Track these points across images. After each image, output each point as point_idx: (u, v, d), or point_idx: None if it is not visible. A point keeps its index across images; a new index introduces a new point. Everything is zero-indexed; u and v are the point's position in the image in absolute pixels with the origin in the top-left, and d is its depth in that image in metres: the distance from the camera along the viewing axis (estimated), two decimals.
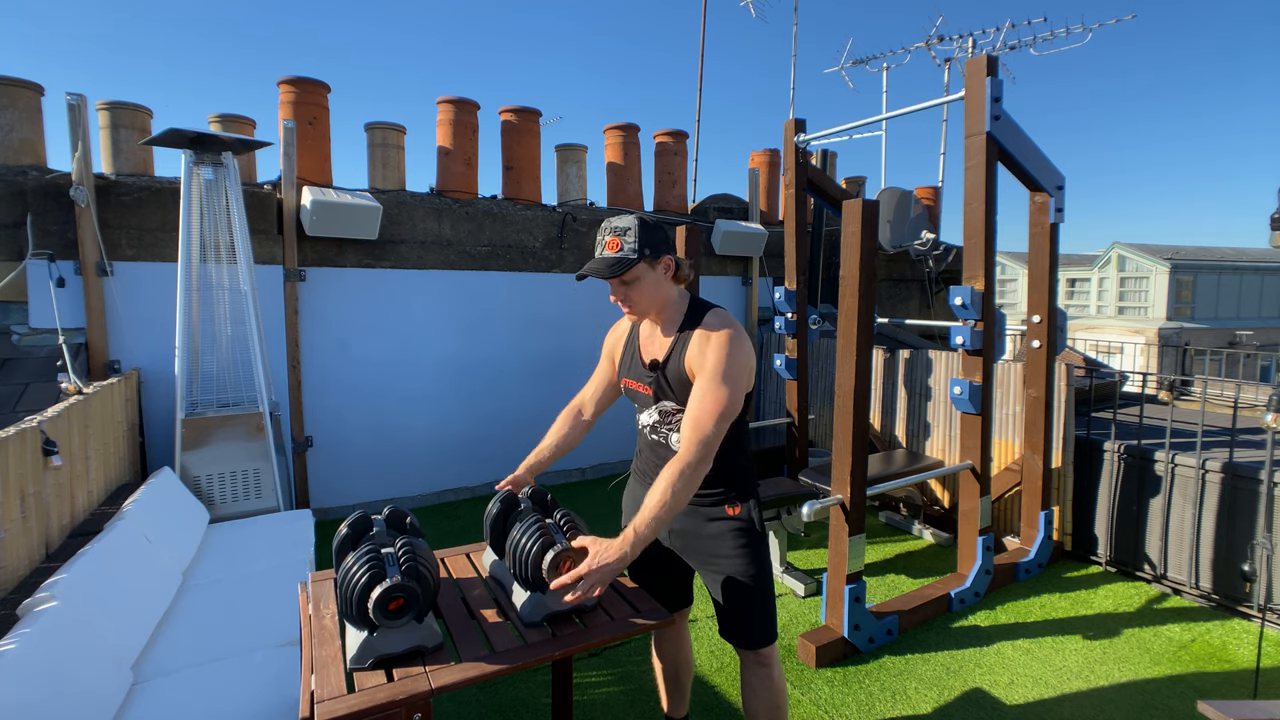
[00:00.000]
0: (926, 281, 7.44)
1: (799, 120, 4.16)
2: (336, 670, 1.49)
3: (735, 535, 1.82)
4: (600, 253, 1.74)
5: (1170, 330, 16.56)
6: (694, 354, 1.74)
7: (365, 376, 4.77)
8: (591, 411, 2.07)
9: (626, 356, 1.92)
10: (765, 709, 1.90)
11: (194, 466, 3.65)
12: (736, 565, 1.82)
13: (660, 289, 1.77)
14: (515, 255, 5.28)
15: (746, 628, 1.85)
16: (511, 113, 5.49)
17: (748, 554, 1.83)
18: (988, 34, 8.83)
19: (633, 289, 1.74)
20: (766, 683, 1.90)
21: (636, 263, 1.70)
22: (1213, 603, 3.35)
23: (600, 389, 2.05)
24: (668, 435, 1.83)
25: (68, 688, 1.76)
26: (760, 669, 1.89)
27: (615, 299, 1.79)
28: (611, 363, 2.01)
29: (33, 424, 2.50)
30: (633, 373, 1.88)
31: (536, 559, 1.63)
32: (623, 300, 1.77)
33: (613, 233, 1.72)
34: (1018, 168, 3.41)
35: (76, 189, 3.78)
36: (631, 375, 1.88)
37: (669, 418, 1.82)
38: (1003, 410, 4.05)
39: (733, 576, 1.82)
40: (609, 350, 2.02)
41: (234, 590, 2.71)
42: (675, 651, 2.13)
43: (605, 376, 2.03)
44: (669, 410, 1.81)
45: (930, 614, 3.22)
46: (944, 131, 8.48)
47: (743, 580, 1.83)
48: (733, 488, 1.85)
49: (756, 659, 1.89)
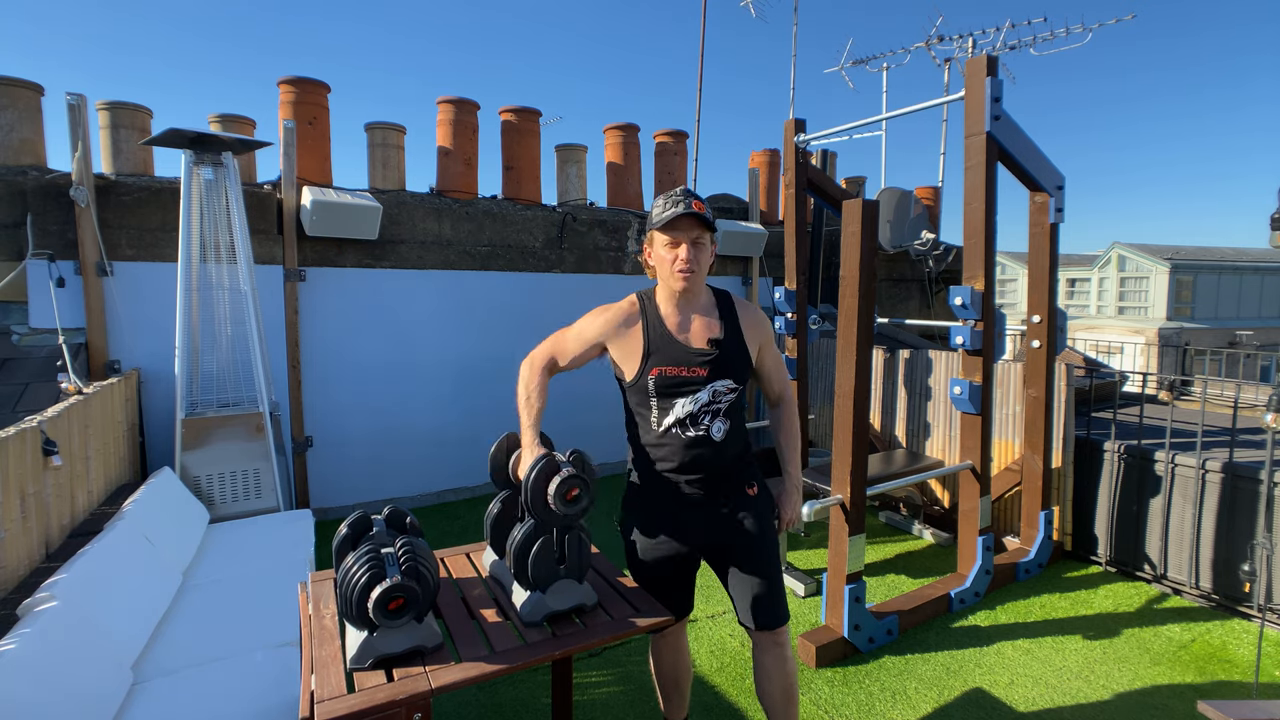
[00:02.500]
0: (926, 281, 7.44)
1: (799, 120, 4.16)
2: (336, 670, 1.49)
3: (757, 515, 1.85)
4: (690, 209, 1.68)
5: (1170, 330, 16.55)
6: (753, 326, 1.83)
7: (365, 376, 4.77)
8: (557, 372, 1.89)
9: (653, 345, 1.77)
10: (780, 691, 1.91)
11: (194, 466, 3.65)
12: (760, 544, 1.84)
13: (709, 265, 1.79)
14: (515, 255, 5.28)
15: (772, 606, 1.86)
16: (511, 113, 5.49)
17: (769, 533, 1.88)
18: (988, 34, 8.82)
19: (702, 253, 1.74)
20: (781, 664, 1.91)
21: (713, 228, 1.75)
22: (1213, 603, 3.35)
23: (574, 359, 1.85)
24: (710, 425, 1.76)
25: (68, 688, 1.76)
26: (777, 649, 1.90)
27: (682, 260, 1.71)
28: (595, 345, 1.82)
29: (33, 424, 2.50)
30: (675, 359, 1.75)
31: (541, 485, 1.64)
32: (690, 262, 1.72)
33: (695, 196, 1.72)
34: (1018, 168, 3.41)
35: (76, 189, 3.78)
36: (674, 362, 1.74)
37: (719, 399, 1.76)
38: (1003, 410, 4.05)
39: (758, 556, 1.84)
40: (600, 334, 1.82)
41: (234, 590, 2.71)
42: (675, 658, 2.11)
43: (581, 351, 1.83)
44: (721, 391, 1.76)
45: (930, 614, 3.22)
46: (944, 131, 8.47)
47: (767, 559, 1.85)
48: (750, 466, 1.89)
49: (774, 639, 1.89)
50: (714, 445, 1.76)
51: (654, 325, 1.79)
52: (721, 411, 1.76)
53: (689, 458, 1.77)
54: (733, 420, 1.80)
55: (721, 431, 1.77)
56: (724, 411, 1.77)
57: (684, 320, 1.79)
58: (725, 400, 1.77)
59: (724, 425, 1.77)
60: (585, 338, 1.84)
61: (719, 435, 1.76)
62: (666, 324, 1.79)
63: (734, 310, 1.83)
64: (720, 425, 1.76)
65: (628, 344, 1.80)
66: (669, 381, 1.75)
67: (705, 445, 1.76)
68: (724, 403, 1.76)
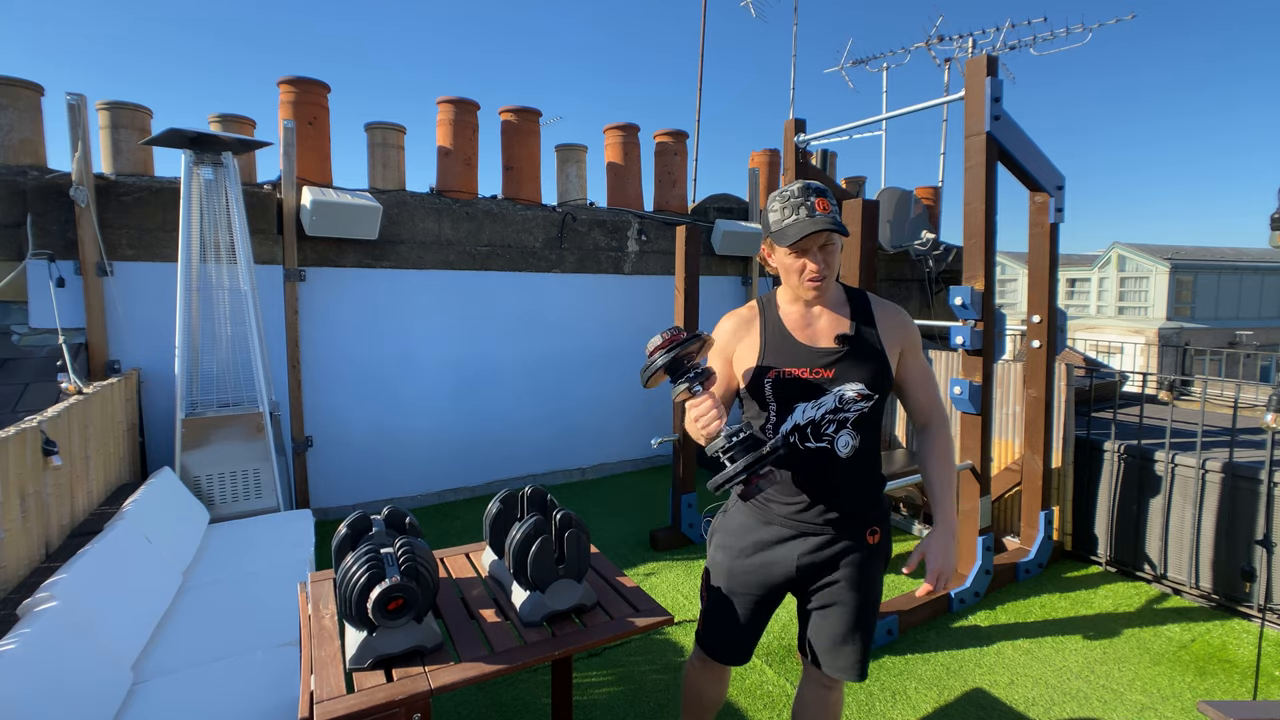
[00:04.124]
0: (926, 281, 7.44)
1: (799, 120, 4.16)
2: (336, 670, 1.49)
3: (871, 566, 1.63)
4: (814, 213, 1.46)
5: (1170, 330, 16.55)
6: (893, 326, 1.59)
7: (365, 376, 4.78)
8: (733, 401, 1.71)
9: (770, 345, 1.57)
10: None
11: (194, 466, 3.65)
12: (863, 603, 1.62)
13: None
14: (515, 255, 5.28)
15: (862, 658, 1.65)
16: (511, 113, 5.49)
17: (875, 590, 1.66)
18: (988, 34, 8.83)
19: (832, 255, 1.51)
20: (824, 708, 1.77)
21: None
22: (1213, 603, 3.35)
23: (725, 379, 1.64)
24: (835, 436, 1.52)
25: (68, 688, 1.76)
26: (823, 691, 1.75)
27: (812, 269, 1.50)
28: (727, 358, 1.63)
29: (33, 424, 2.50)
30: (795, 359, 1.54)
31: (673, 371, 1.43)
32: (822, 266, 1.50)
33: (817, 194, 1.48)
34: (1018, 168, 3.41)
35: (76, 189, 3.78)
36: (793, 362, 1.54)
37: (848, 407, 1.52)
38: (1003, 410, 4.05)
39: (855, 614, 1.62)
40: (726, 343, 1.64)
41: (234, 590, 2.71)
42: (716, 689, 1.85)
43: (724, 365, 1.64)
44: (850, 398, 1.51)
45: (930, 614, 3.22)
46: (944, 131, 8.49)
47: (864, 620, 1.63)
48: (879, 504, 1.66)
49: (824, 680, 1.72)
50: (838, 463, 1.53)
51: (773, 324, 1.59)
52: (850, 422, 1.52)
53: (805, 474, 1.55)
54: (865, 437, 1.55)
55: (849, 447, 1.53)
56: (853, 423, 1.53)
57: (809, 318, 1.58)
58: (854, 409, 1.52)
59: (852, 440, 1.53)
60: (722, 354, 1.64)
61: (845, 450, 1.53)
62: (786, 323, 1.58)
63: (869, 307, 1.60)
64: (847, 439, 1.52)
65: (746, 347, 1.60)
66: (788, 384, 1.53)
67: (826, 460, 1.53)
68: (853, 411, 1.52)
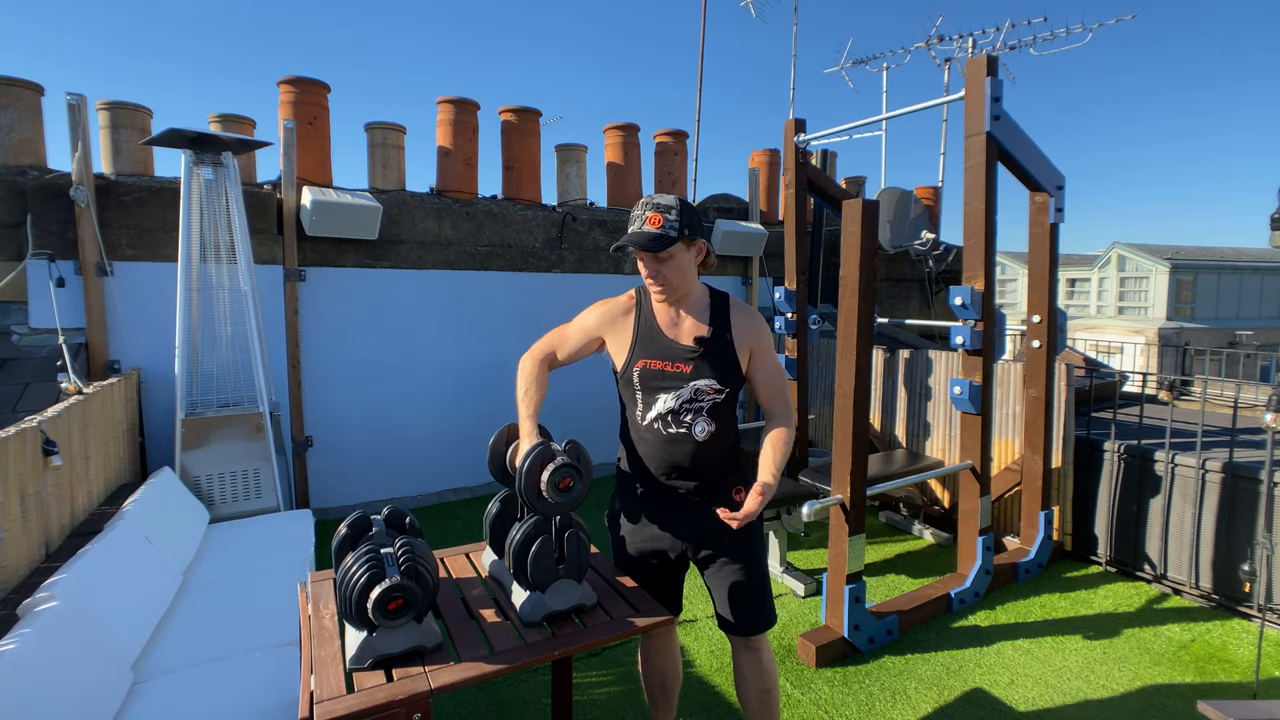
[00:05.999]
0: (926, 281, 7.44)
1: (799, 120, 4.16)
2: (336, 670, 1.49)
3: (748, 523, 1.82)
4: (640, 227, 1.71)
5: (1170, 330, 16.55)
6: (745, 330, 1.81)
7: (365, 376, 4.77)
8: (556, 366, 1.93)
9: (640, 337, 1.82)
10: (756, 693, 1.93)
11: (194, 466, 3.65)
12: (746, 550, 1.85)
13: (690, 271, 1.77)
14: (515, 255, 5.28)
15: (746, 612, 1.87)
16: (511, 113, 5.49)
17: (755, 539, 1.89)
18: (988, 34, 8.82)
19: (666, 266, 1.73)
20: (756, 667, 1.93)
21: (675, 241, 1.70)
22: (1213, 603, 3.35)
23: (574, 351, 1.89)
24: (692, 424, 1.77)
25: (68, 688, 1.76)
26: (750, 653, 1.92)
27: (647, 276, 1.76)
28: (594, 337, 1.88)
29: (33, 424, 2.50)
30: (659, 353, 1.79)
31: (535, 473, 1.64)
32: (654, 277, 1.75)
33: (655, 209, 1.71)
34: (1018, 168, 3.41)
35: (76, 189, 3.78)
36: (658, 355, 1.79)
37: (700, 398, 1.77)
38: (1003, 410, 4.05)
39: (742, 563, 1.85)
40: (598, 324, 1.88)
41: (234, 590, 2.71)
42: (663, 661, 2.09)
43: (581, 342, 1.89)
44: (703, 390, 1.76)
45: (930, 614, 3.22)
46: (944, 131, 8.48)
47: (752, 566, 1.86)
48: (737, 470, 1.89)
49: (746, 644, 1.91)
50: (695, 444, 1.77)
51: (645, 319, 1.84)
52: (704, 410, 1.77)
53: (669, 454, 1.79)
54: (718, 422, 1.80)
55: (704, 432, 1.77)
56: (707, 411, 1.78)
57: (675, 318, 1.82)
58: (708, 400, 1.77)
59: (707, 426, 1.77)
60: (586, 327, 1.89)
61: (701, 435, 1.77)
62: (658, 319, 1.82)
63: (727, 312, 1.83)
64: (703, 425, 1.77)
65: (620, 335, 1.85)
66: (652, 375, 1.79)
67: (686, 443, 1.78)
68: (706, 402, 1.77)
